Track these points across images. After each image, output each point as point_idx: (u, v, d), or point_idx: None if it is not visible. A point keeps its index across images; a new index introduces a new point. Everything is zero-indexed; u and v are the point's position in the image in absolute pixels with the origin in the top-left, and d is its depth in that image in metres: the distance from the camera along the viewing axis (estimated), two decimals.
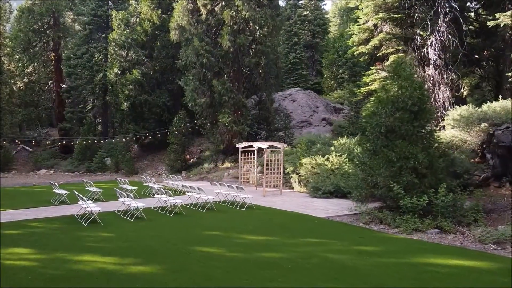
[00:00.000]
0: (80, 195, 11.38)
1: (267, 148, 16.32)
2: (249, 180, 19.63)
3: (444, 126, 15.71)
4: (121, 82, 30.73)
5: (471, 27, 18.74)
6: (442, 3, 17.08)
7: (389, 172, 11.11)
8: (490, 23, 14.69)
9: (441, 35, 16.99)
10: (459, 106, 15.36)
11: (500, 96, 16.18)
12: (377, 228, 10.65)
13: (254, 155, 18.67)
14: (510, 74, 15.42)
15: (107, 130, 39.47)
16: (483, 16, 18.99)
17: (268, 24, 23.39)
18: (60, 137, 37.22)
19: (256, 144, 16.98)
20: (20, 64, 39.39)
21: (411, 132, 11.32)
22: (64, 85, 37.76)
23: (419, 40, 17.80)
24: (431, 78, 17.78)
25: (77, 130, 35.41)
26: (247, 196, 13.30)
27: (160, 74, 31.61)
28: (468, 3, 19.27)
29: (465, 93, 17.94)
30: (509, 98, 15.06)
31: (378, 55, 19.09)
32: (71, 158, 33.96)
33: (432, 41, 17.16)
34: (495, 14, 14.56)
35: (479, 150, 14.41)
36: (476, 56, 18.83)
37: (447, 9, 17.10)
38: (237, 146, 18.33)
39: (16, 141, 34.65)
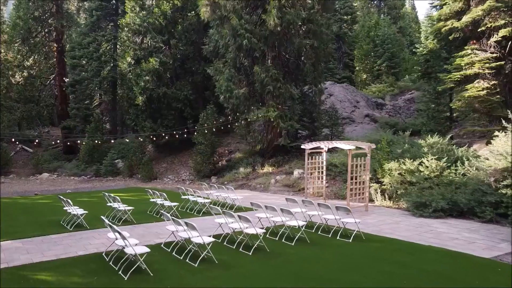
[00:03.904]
0: (114, 226, 7.10)
1: (352, 149, 12.10)
2: (309, 190, 15.43)
3: None
4: (135, 73, 26.47)
5: None
6: None
7: None
8: None
9: None
10: None
11: None
12: None
13: (322, 158, 14.43)
14: None
15: (116, 129, 35.33)
16: None
17: None
18: (64, 136, 32.93)
19: (335, 144, 12.74)
20: (19, 56, 35.15)
21: None
22: (68, 79, 33.45)
23: None
24: None
25: (82, 128, 31.18)
26: (354, 221, 9.04)
27: (180, 64, 27.35)
28: None
29: None
30: None
31: (478, 30, 14.87)
32: (76, 160, 29.82)
33: None
34: None
35: None
36: None
37: None
38: (302, 146, 14.10)
39: (14, 140, 30.32)
